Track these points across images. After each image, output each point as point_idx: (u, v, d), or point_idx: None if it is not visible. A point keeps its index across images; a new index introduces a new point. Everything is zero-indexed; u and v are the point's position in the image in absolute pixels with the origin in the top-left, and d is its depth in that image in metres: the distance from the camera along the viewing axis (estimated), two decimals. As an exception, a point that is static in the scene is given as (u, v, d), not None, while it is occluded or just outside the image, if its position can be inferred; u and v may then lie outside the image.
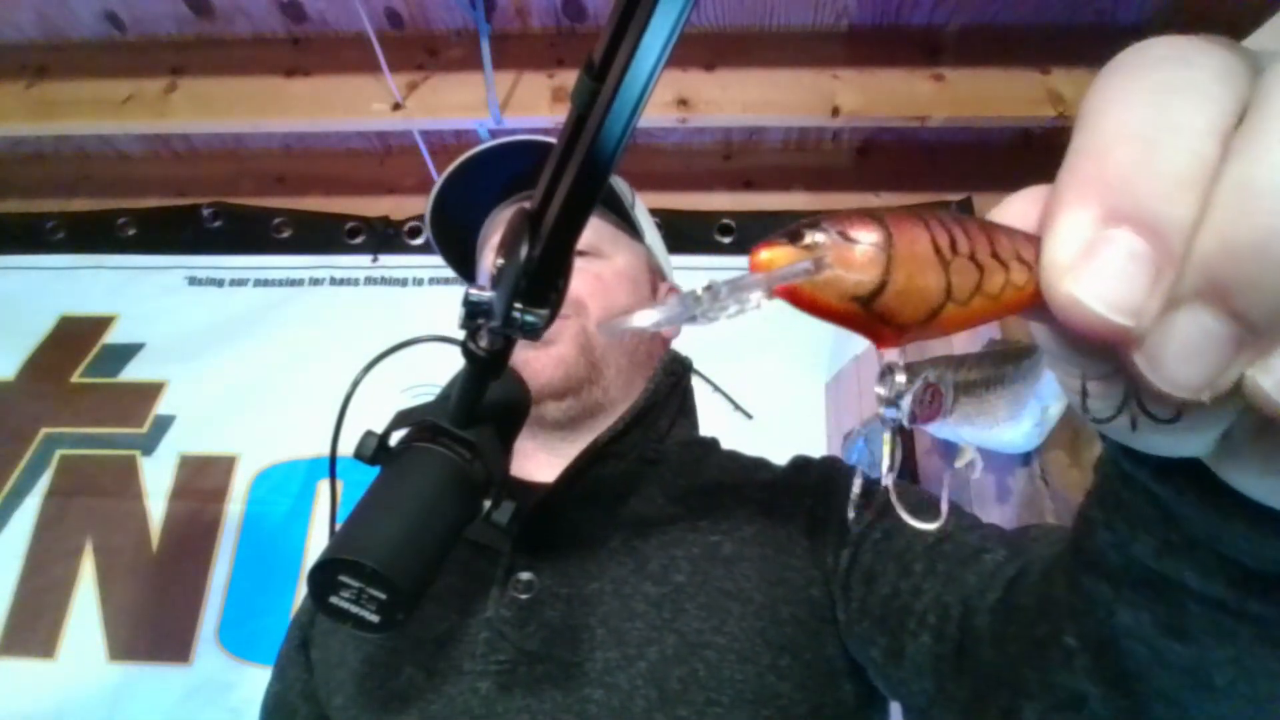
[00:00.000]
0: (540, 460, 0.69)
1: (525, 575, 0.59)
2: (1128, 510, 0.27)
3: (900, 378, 0.21)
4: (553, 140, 0.70)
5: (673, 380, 0.74)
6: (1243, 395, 0.15)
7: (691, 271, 1.79)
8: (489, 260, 0.74)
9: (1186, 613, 0.26)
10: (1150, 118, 0.15)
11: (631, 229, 0.79)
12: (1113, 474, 0.27)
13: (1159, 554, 0.26)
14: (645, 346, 0.74)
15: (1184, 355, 0.15)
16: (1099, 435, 0.23)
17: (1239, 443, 0.19)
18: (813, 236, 0.16)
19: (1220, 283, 0.14)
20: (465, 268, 0.84)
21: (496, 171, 0.76)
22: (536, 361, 0.65)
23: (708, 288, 0.16)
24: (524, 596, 0.58)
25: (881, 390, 0.21)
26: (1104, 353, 0.17)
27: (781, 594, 0.57)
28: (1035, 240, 0.17)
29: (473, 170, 0.75)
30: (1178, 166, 0.15)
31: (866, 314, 0.16)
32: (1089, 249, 0.15)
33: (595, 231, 0.74)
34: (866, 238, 0.16)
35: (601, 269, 0.72)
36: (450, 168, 0.75)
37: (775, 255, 0.16)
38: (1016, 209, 0.18)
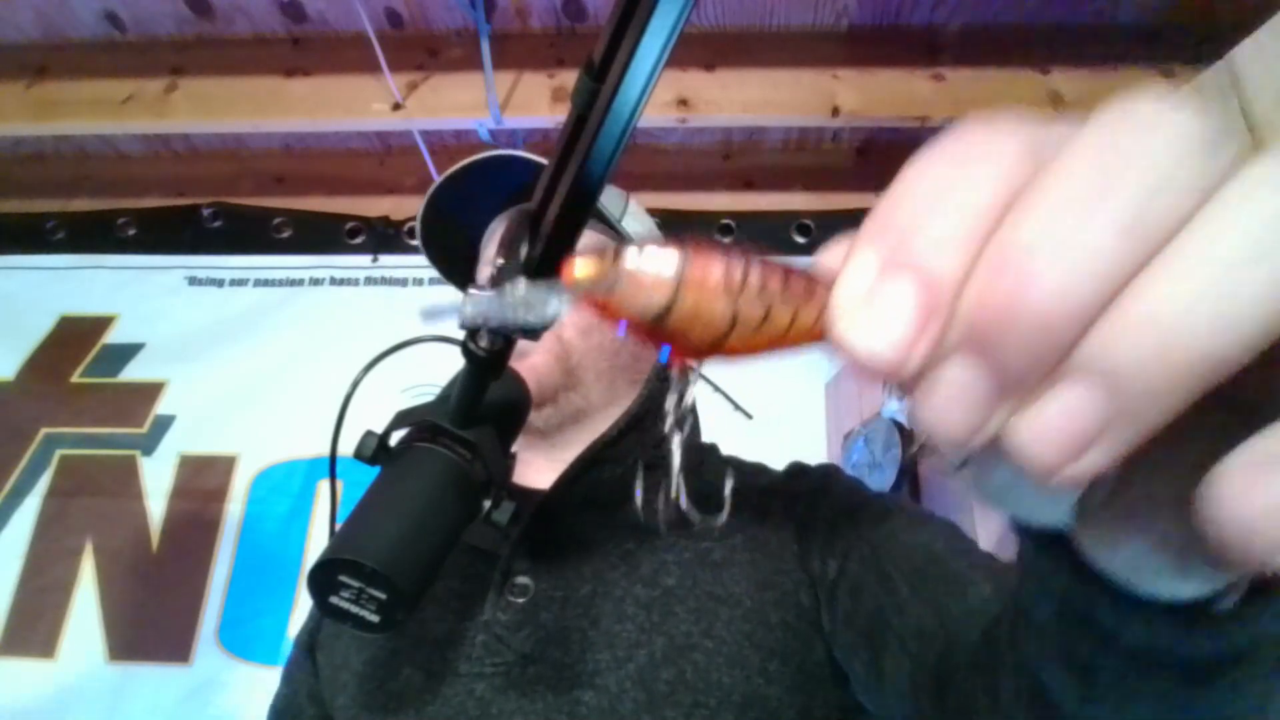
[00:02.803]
0: (539, 466, 0.69)
1: (522, 579, 0.59)
2: (1030, 571, 0.26)
3: None
4: (511, 153, 0.70)
5: (666, 385, 0.74)
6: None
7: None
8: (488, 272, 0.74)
9: (1096, 678, 0.25)
10: (944, 176, 0.16)
11: (619, 236, 0.79)
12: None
13: (1058, 618, 0.25)
14: (629, 350, 0.73)
15: (946, 402, 0.16)
16: None
17: (1087, 509, 0.19)
18: (617, 256, 0.18)
19: (980, 336, 0.15)
20: (455, 273, 0.84)
21: (498, 181, 0.76)
22: None
23: (515, 285, 0.17)
24: (520, 600, 0.58)
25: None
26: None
27: (771, 598, 0.57)
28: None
29: (473, 177, 0.75)
30: (955, 223, 0.15)
31: (659, 331, 0.18)
32: (868, 292, 0.16)
33: None
34: (661, 263, 0.17)
35: None
36: (450, 170, 0.75)
37: (581, 268, 0.18)
38: (837, 251, 0.18)
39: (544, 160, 0.71)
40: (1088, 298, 0.14)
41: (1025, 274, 0.14)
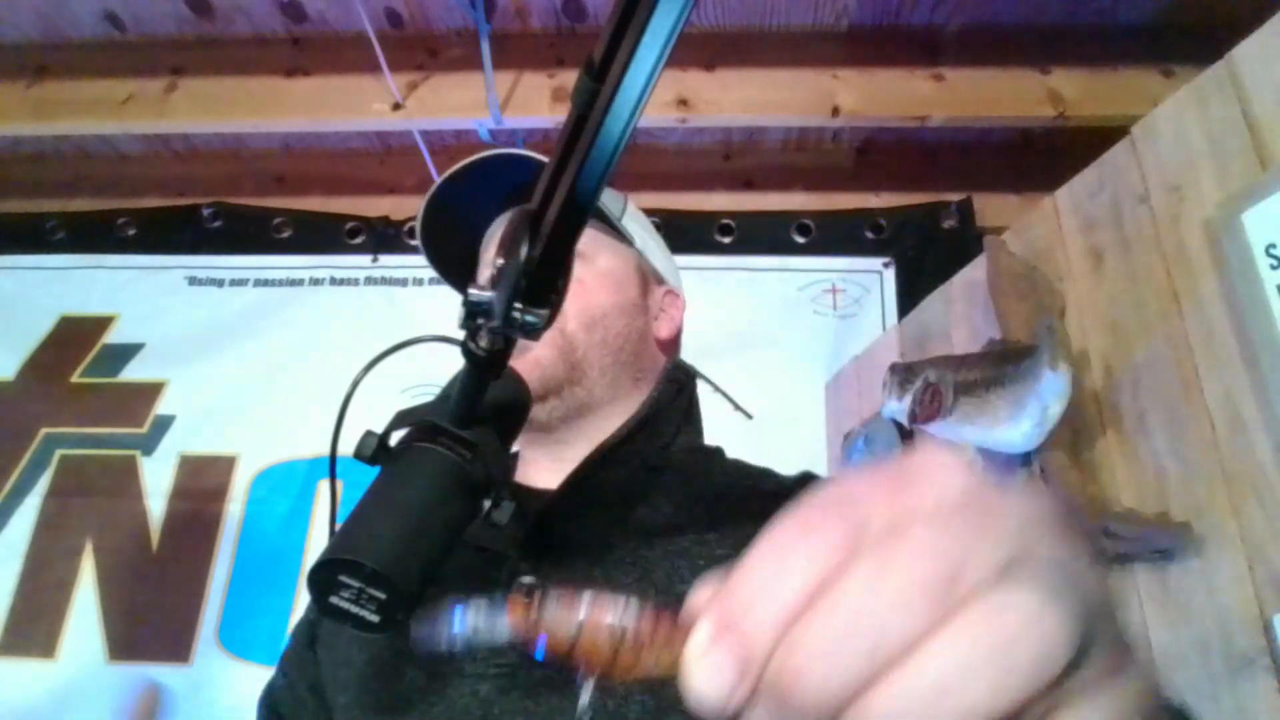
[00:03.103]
0: (544, 466, 0.69)
1: (528, 580, 0.59)
2: None
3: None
4: (512, 151, 0.70)
5: (675, 388, 0.74)
6: None
7: (692, 271, 1.79)
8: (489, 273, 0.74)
9: None
10: (772, 565, 0.22)
11: (619, 235, 0.79)
12: None
13: None
14: (631, 346, 0.73)
15: None
16: None
17: None
18: (542, 610, 0.26)
19: (774, 698, 0.21)
20: (454, 274, 0.84)
21: (498, 180, 0.76)
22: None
23: (474, 606, 0.27)
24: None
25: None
26: None
27: None
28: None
29: (472, 177, 0.75)
30: (772, 607, 0.21)
31: (572, 655, 0.26)
32: (705, 650, 0.22)
33: None
34: (568, 619, 0.26)
35: (582, 272, 0.72)
36: (450, 170, 0.75)
37: (519, 614, 0.26)
38: (704, 593, 0.24)
39: (543, 158, 0.71)
40: (839, 694, 0.20)
41: (802, 672, 0.20)
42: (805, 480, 0.69)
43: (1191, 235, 0.89)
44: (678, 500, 0.65)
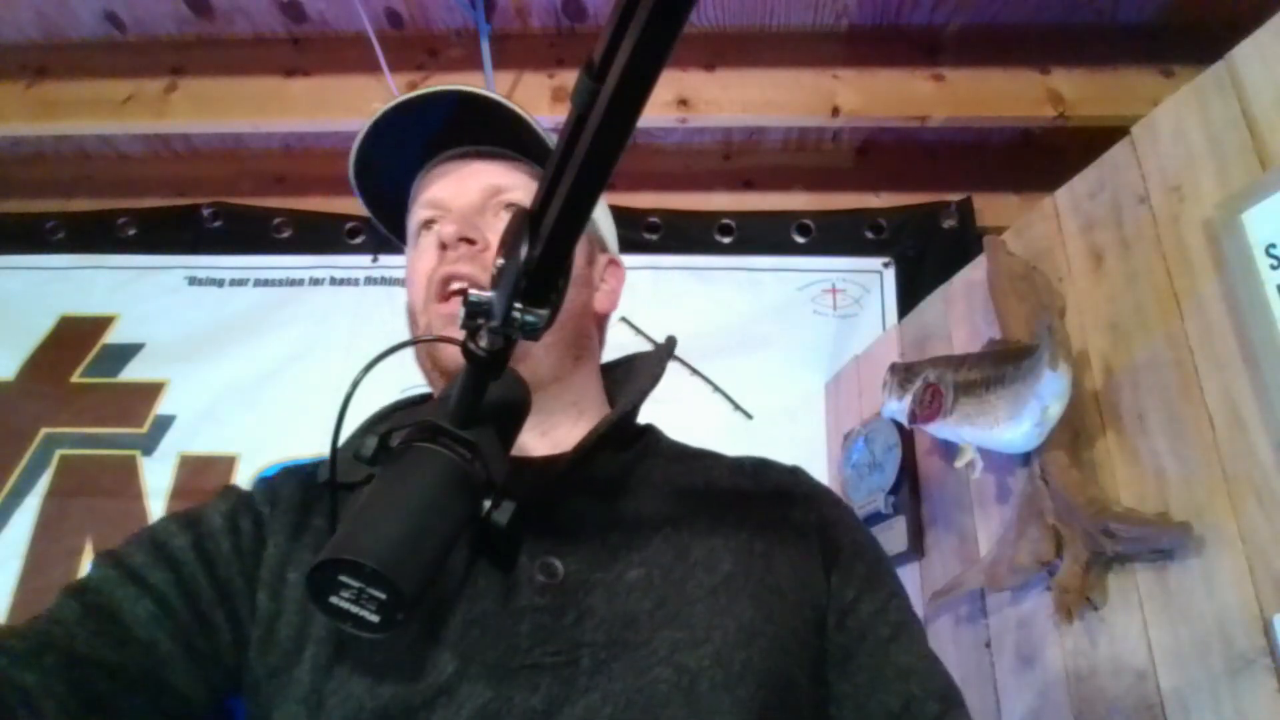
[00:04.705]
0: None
1: (552, 560, 0.58)
2: None
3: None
4: (474, 89, 0.71)
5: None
6: None
7: (692, 271, 1.79)
8: (419, 217, 0.76)
9: None
10: None
11: None
12: None
13: None
14: (574, 323, 0.70)
15: None
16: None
17: None
18: None
19: None
20: (392, 223, 0.85)
21: (421, 124, 0.77)
22: (447, 349, 0.64)
23: None
24: (554, 581, 0.57)
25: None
26: None
27: (808, 597, 0.61)
28: None
29: (398, 123, 0.76)
30: None
31: None
32: None
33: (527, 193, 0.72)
34: None
35: None
36: (370, 122, 0.76)
37: None
38: None
39: (474, 90, 0.71)
40: None
41: None
42: (794, 472, 0.72)
43: (1191, 235, 0.89)
44: (679, 483, 0.66)
